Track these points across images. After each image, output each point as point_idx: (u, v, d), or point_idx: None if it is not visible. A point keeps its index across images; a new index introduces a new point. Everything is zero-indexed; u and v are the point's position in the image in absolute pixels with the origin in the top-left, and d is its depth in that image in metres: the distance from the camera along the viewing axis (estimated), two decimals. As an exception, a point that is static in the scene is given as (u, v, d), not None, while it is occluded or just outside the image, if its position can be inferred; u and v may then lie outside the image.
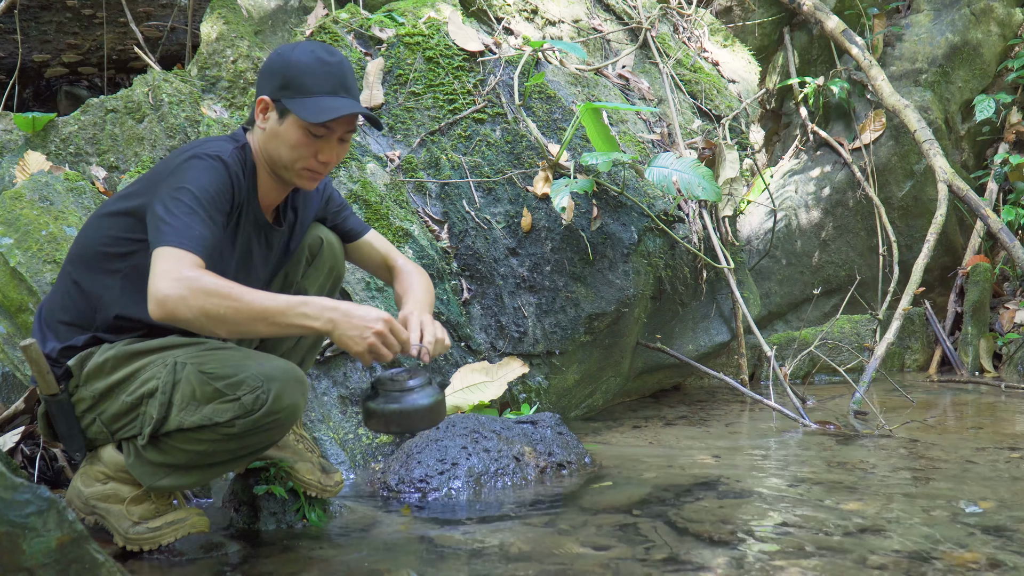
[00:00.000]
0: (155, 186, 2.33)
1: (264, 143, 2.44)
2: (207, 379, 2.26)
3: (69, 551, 1.74)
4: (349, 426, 3.38)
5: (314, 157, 2.42)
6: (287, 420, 2.31)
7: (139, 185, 2.42)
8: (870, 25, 6.14)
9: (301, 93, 2.37)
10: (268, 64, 2.45)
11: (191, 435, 2.29)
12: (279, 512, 2.74)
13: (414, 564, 2.42)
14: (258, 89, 2.45)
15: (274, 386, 2.26)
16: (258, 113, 2.44)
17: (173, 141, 3.76)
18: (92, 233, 2.45)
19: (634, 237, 3.96)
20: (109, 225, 2.42)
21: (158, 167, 2.45)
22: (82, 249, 2.46)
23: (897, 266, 5.38)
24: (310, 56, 2.40)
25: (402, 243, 3.70)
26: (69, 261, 2.49)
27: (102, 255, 2.41)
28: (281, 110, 2.40)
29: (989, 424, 4.26)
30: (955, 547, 2.50)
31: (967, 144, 6.31)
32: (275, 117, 2.41)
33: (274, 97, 2.40)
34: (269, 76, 2.42)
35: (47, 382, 2.35)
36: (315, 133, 2.39)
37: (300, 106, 2.36)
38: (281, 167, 2.44)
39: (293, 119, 2.39)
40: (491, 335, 3.85)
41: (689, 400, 4.86)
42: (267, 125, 2.42)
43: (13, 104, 4.92)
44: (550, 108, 4.03)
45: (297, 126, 2.39)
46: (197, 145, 2.43)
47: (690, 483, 3.17)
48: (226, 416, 2.25)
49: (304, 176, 2.45)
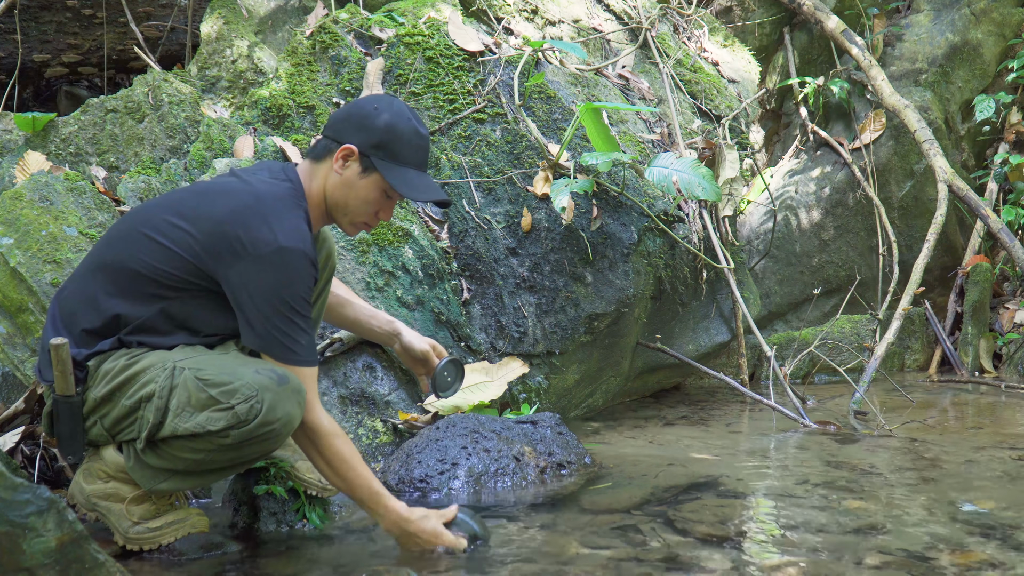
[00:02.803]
0: (231, 259, 2.33)
1: (334, 187, 2.50)
2: (202, 385, 2.26)
3: (69, 551, 1.74)
4: (349, 426, 3.38)
5: (375, 215, 2.54)
6: (283, 430, 2.31)
7: (199, 234, 2.36)
8: (870, 25, 6.14)
9: (394, 159, 2.48)
10: (361, 114, 2.50)
11: (187, 444, 2.28)
12: (279, 512, 2.74)
13: (414, 564, 2.42)
14: (340, 134, 2.49)
15: (267, 396, 2.26)
16: (338, 157, 2.48)
17: (173, 141, 3.76)
18: (130, 248, 2.40)
19: (634, 237, 3.96)
20: (154, 251, 2.38)
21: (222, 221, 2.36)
22: (116, 262, 2.40)
23: (897, 266, 5.38)
24: (407, 125, 2.50)
25: (402, 243, 3.70)
26: (99, 268, 2.43)
27: (143, 278, 2.38)
28: (367, 166, 2.48)
29: (989, 424, 4.26)
30: (955, 547, 2.50)
31: (967, 144, 6.31)
32: (357, 169, 2.48)
33: (364, 152, 2.47)
34: (362, 128, 2.48)
35: (67, 383, 2.34)
36: (389, 196, 2.52)
37: (391, 172, 2.47)
38: (340, 213, 2.54)
39: (377, 179, 2.48)
40: (491, 335, 3.85)
41: (689, 400, 4.86)
42: (345, 173, 2.49)
43: (13, 104, 4.92)
44: (550, 108, 4.03)
45: (378, 187, 2.49)
46: (272, 213, 2.38)
47: (690, 483, 3.17)
48: (219, 425, 2.24)
49: (357, 227, 2.58)
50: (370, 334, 3.10)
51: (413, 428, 3.43)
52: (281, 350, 2.35)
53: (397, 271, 3.67)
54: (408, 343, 2.93)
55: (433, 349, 2.90)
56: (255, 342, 2.36)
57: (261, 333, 2.34)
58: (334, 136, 2.51)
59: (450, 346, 3.74)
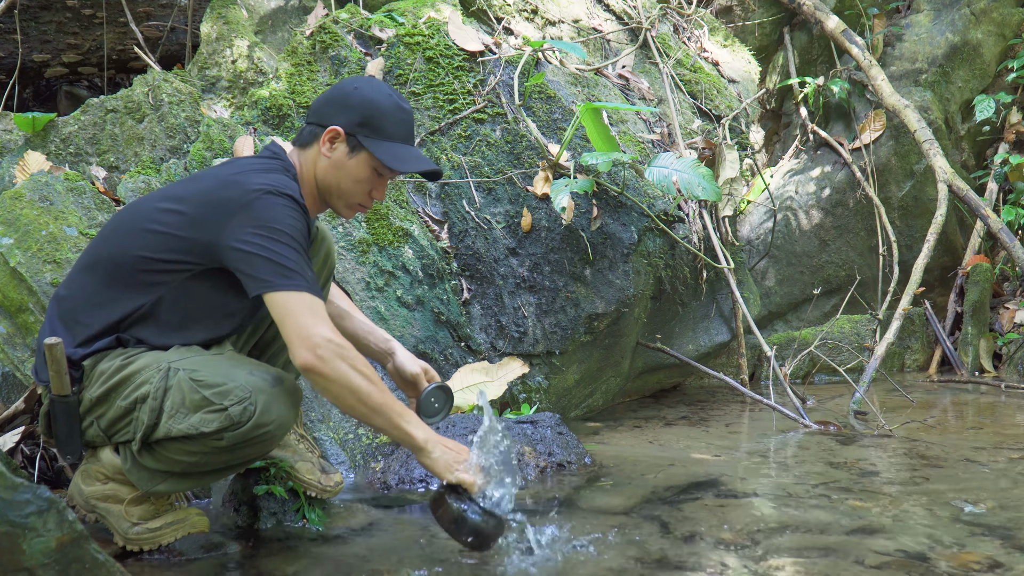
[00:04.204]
0: (222, 219, 2.30)
1: (324, 171, 2.49)
2: (196, 386, 2.25)
3: (69, 551, 1.74)
4: (349, 426, 3.38)
5: (368, 194, 2.53)
6: (277, 432, 2.30)
7: (189, 208, 2.35)
8: (870, 25, 6.14)
9: (379, 135, 2.46)
10: (341, 96, 2.49)
11: (181, 446, 2.28)
12: (279, 512, 2.74)
13: (414, 564, 2.42)
14: (323, 117, 2.49)
15: (261, 398, 2.25)
16: (324, 140, 2.47)
17: (173, 141, 3.76)
18: (125, 242, 2.40)
19: (634, 237, 3.96)
20: (148, 240, 2.37)
21: (209, 191, 2.37)
22: (112, 257, 2.40)
23: (897, 266, 5.38)
24: (388, 100, 2.49)
25: (402, 243, 3.70)
26: (95, 265, 2.42)
27: (139, 269, 2.37)
28: (354, 145, 2.47)
29: (989, 424, 4.26)
30: (955, 547, 2.50)
31: (967, 144, 6.31)
32: (345, 150, 2.47)
33: (349, 131, 2.46)
34: (344, 109, 2.47)
35: (62, 383, 2.33)
36: (380, 173, 2.50)
37: (378, 148, 2.45)
38: (334, 196, 2.52)
39: (366, 157, 2.47)
40: (491, 335, 3.85)
41: (689, 400, 4.86)
42: (333, 155, 2.48)
43: (13, 104, 4.92)
44: (550, 108, 4.03)
45: (367, 164, 2.48)
46: (256, 172, 2.38)
47: (690, 483, 3.17)
48: (212, 427, 2.23)
49: (352, 208, 2.56)
50: (365, 350, 3.03)
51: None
52: (283, 278, 2.25)
53: (397, 271, 3.67)
54: (400, 364, 2.83)
55: (424, 373, 2.84)
56: (258, 284, 2.27)
57: (261, 270, 2.26)
58: (318, 121, 2.50)
59: (450, 346, 3.74)
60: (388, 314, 3.62)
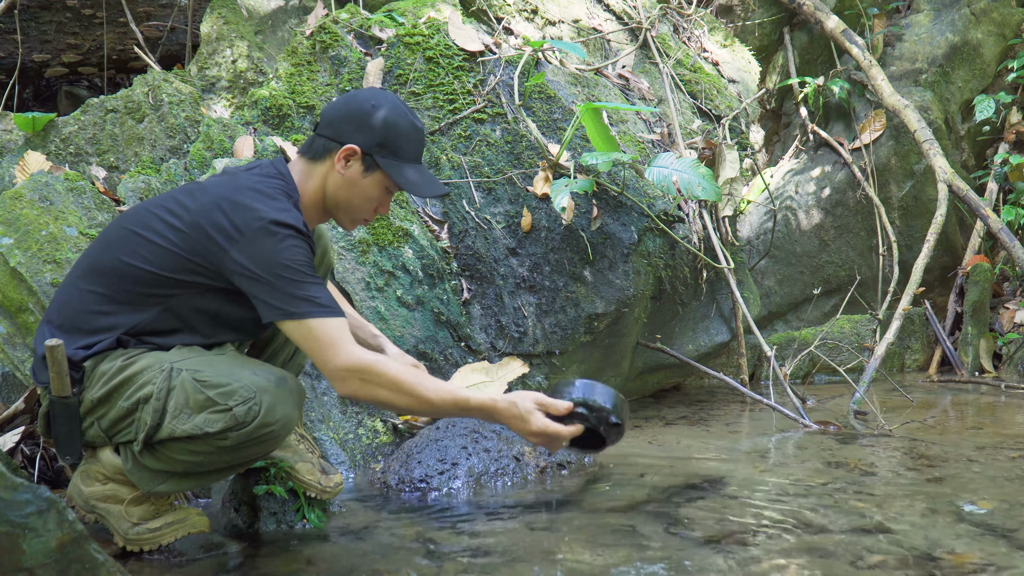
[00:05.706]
0: (224, 244, 2.30)
1: (335, 187, 2.50)
2: (200, 387, 2.25)
3: (69, 551, 1.74)
4: (349, 426, 3.38)
5: (374, 210, 2.57)
6: (281, 432, 2.30)
7: (183, 222, 2.34)
8: (870, 25, 6.14)
9: (396, 156, 2.49)
10: (360, 113, 2.48)
11: (184, 446, 2.27)
12: (279, 512, 2.74)
13: (414, 564, 2.42)
14: (339, 133, 2.48)
15: (265, 398, 2.25)
16: (340, 158, 2.47)
17: (173, 141, 3.76)
18: (125, 249, 2.38)
19: (634, 237, 3.96)
20: (148, 250, 2.36)
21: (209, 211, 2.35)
22: (112, 265, 2.38)
23: (897, 266, 5.38)
24: (406, 121, 2.51)
25: (402, 243, 3.70)
26: (95, 271, 2.40)
27: (140, 280, 2.36)
28: (369, 164, 2.48)
29: (989, 424, 4.26)
30: (955, 547, 2.50)
31: (967, 144, 6.31)
32: (360, 168, 2.48)
33: (367, 151, 2.47)
34: (362, 128, 2.47)
35: (63, 384, 2.32)
36: (389, 191, 2.53)
37: (396, 171, 2.48)
38: (342, 211, 2.54)
39: (381, 177, 2.50)
40: (491, 335, 3.85)
41: (689, 400, 4.86)
42: (347, 173, 2.49)
43: (13, 104, 4.92)
44: (550, 108, 4.03)
45: (380, 184, 2.51)
46: (258, 196, 2.37)
47: (690, 483, 3.18)
48: (217, 427, 2.23)
49: (357, 222, 2.59)
50: None
51: (413, 428, 3.43)
52: (301, 307, 2.29)
53: (397, 271, 3.67)
54: None
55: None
56: (274, 313, 2.30)
57: (276, 300, 2.29)
58: (332, 136, 2.49)
59: (450, 346, 3.74)
60: (388, 314, 3.62)
